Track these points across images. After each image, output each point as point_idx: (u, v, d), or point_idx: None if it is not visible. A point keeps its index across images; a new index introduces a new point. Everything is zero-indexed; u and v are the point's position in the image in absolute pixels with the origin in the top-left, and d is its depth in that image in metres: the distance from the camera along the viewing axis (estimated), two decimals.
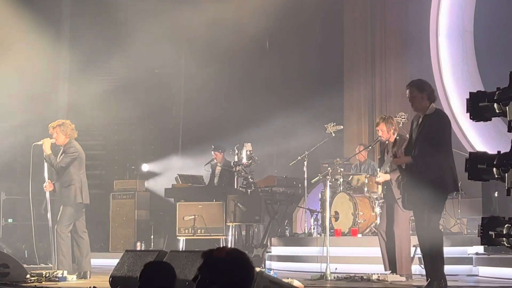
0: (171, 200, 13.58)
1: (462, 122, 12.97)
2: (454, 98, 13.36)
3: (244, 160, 12.78)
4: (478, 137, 12.97)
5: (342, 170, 11.61)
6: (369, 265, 10.06)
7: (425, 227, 7.55)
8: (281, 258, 12.02)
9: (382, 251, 9.22)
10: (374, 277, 9.07)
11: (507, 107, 4.48)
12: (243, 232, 13.39)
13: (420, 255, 8.46)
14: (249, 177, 12.94)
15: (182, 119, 16.56)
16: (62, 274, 9.43)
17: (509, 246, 4.41)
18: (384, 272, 9.14)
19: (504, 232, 4.41)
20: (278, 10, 14.27)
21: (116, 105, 15.92)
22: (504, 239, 4.43)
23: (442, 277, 7.52)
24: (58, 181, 10.19)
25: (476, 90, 4.69)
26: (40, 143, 10.17)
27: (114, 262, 8.27)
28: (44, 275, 9.19)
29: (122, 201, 14.39)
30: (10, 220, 13.90)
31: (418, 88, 7.73)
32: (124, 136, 16.32)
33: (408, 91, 7.77)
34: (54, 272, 9.47)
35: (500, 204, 10.32)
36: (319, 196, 12.04)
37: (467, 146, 12.78)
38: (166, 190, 13.79)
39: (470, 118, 4.64)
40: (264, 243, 12.70)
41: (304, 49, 15.53)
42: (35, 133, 12.72)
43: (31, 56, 14.54)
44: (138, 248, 13.46)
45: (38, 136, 10.61)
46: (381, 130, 9.18)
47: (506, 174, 4.39)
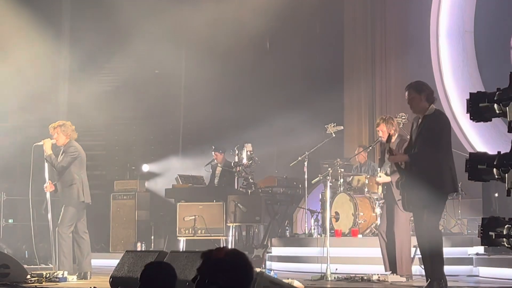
0: (172, 200, 13.58)
1: (462, 122, 12.97)
2: (454, 98, 13.35)
3: (244, 161, 12.79)
4: (478, 137, 12.96)
5: (342, 170, 11.60)
6: (369, 265, 10.06)
7: (424, 227, 7.55)
8: (281, 259, 12.01)
9: (382, 252, 9.22)
10: (375, 277, 9.07)
11: (507, 108, 4.48)
12: (244, 233, 13.40)
13: (420, 256, 8.45)
14: (249, 177, 12.95)
15: (182, 120, 16.56)
16: (63, 274, 9.44)
17: (509, 246, 4.41)
18: (385, 272, 9.15)
19: (504, 232, 4.41)
20: (278, 10, 14.27)
21: (117, 105, 15.91)
22: (504, 239, 4.42)
23: (442, 277, 7.52)
24: (59, 181, 10.19)
25: (476, 91, 4.69)
26: (40, 143, 10.18)
27: (115, 263, 8.26)
28: (44, 276, 9.20)
29: (123, 201, 14.39)
30: (10, 220, 13.89)
31: (416, 89, 7.74)
32: (124, 137, 16.31)
33: (407, 93, 7.79)
34: (54, 272, 9.47)
35: (500, 204, 10.32)
36: (320, 196, 12.04)
37: (467, 146, 12.77)
38: (167, 191, 13.80)
39: (470, 119, 4.64)
40: (265, 243, 12.70)
41: (305, 49, 15.52)
42: (35, 133, 12.71)
43: (31, 56, 14.52)
44: (139, 248, 13.46)
45: (38, 136, 10.60)
46: (381, 131, 9.19)
47: (506, 175, 4.38)
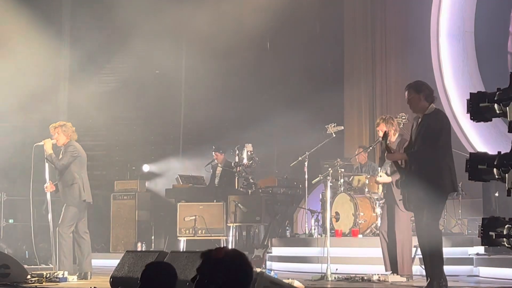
0: (172, 200, 13.58)
1: (462, 122, 12.97)
2: (454, 98, 13.35)
3: (244, 161, 12.79)
4: (478, 137, 12.96)
5: (342, 170, 11.60)
6: (369, 265, 10.06)
7: (424, 227, 7.55)
8: (281, 259, 12.01)
9: (383, 252, 9.22)
10: (375, 277, 9.07)
11: (507, 108, 4.47)
12: (244, 233, 13.39)
13: (420, 256, 8.45)
14: (249, 177, 12.95)
15: (182, 120, 16.56)
16: (63, 274, 9.43)
17: (509, 246, 4.40)
18: (385, 272, 9.14)
19: (505, 232, 4.40)
20: (279, 10, 14.27)
21: (117, 105, 15.91)
22: (504, 239, 4.42)
23: (442, 276, 7.51)
24: (60, 181, 10.19)
25: (476, 91, 4.69)
26: (41, 143, 10.18)
27: (115, 263, 8.26)
28: (44, 276, 9.19)
29: (123, 201, 14.39)
30: (11, 220, 13.89)
31: (415, 89, 7.75)
32: (124, 137, 16.31)
33: (407, 93, 7.81)
34: (54, 272, 9.47)
35: (501, 204, 10.31)
36: (320, 196, 12.04)
37: (467, 146, 12.76)
38: (167, 191, 13.80)
39: (471, 119, 4.64)
40: (265, 243, 12.69)
41: (305, 49, 15.52)
42: (35, 133, 12.70)
43: (31, 56, 14.53)
44: (139, 248, 13.45)
45: (39, 136, 10.60)
46: (381, 131, 9.18)
47: (507, 175, 4.38)
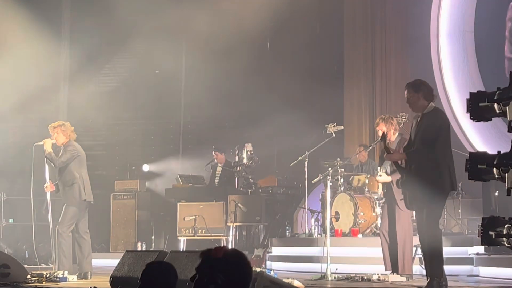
0: (172, 200, 13.59)
1: (462, 122, 12.96)
2: (454, 98, 13.35)
3: (244, 161, 12.80)
4: (478, 137, 12.96)
5: (342, 170, 11.59)
6: (369, 265, 10.06)
7: (424, 226, 7.55)
8: (281, 259, 12.01)
9: (383, 251, 9.21)
10: (375, 277, 9.08)
11: (507, 107, 4.47)
12: (244, 233, 13.40)
13: (420, 255, 8.45)
14: (249, 177, 12.96)
15: (182, 120, 16.56)
16: (63, 274, 9.43)
17: (509, 246, 4.41)
18: (385, 272, 9.14)
19: (504, 232, 4.41)
20: (279, 10, 14.26)
21: (117, 105, 15.91)
22: (504, 239, 4.42)
23: (442, 276, 7.51)
24: (60, 180, 10.20)
25: (476, 90, 4.69)
26: (41, 143, 10.19)
27: (115, 263, 8.27)
28: (44, 276, 9.20)
29: (123, 201, 14.39)
30: (11, 220, 13.89)
31: (414, 88, 7.75)
32: (124, 137, 16.31)
33: (406, 93, 7.82)
34: (54, 272, 9.47)
35: (501, 204, 10.31)
36: (320, 196, 12.03)
37: (467, 146, 12.76)
38: (167, 191, 13.81)
39: (470, 118, 4.63)
40: (265, 243, 12.70)
41: (305, 49, 15.52)
42: (35, 133, 12.70)
43: (31, 56, 14.52)
44: (139, 248, 13.46)
45: (38, 136, 10.60)
46: (381, 130, 9.19)
47: (506, 174, 4.38)
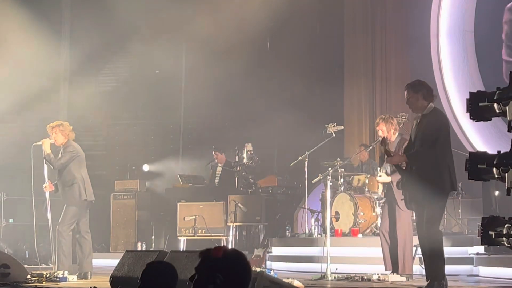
0: (172, 200, 13.58)
1: (462, 122, 12.96)
2: (454, 98, 13.35)
3: (244, 161, 12.80)
4: (478, 137, 12.96)
5: (342, 170, 11.59)
6: (369, 265, 10.06)
7: (424, 227, 7.54)
8: (281, 258, 12.01)
9: (383, 251, 9.21)
10: (375, 277, 9.08)
11: (507, 107, 4.47)
12: (244, 233, 13.39)
13: (420, 255, 8.44)
14: (249, 177, 12.96)
15: (183, 120, 16.56)
16: (63, 274, 9.43)
17: (509, 246, 4.40)
18: (385, 272, 9.14)
19: (504, 232, 4.40)
20: (279, 11, 14.26)
21: (117, 105, 15.92)
22: (504, 239, 4.42)
23: (443, 277, 7.50)
24: (59, 181, 10.20)
25: (476, 90, 4.68)
26: (39, 143, 10.18)
27: (115, 263, 8.27)
28: (44, 276, 9.19)
29: (123, 201, 14.38)
30: (11, 220, 13.89)
31: (413, 89, 7.74)
32: (124, 137, 16.31)
33: (406, 93, 7.80)
34: (54, 272, 9.47)
35: (501, 204, 10.31)
36: (320, 196, 12.04)
37: (467, 146, 12.76)
38: (167, 190, 13.81)
39: (470, 118, 4.63)
40: (265, 243, 12.70)
41: (305, 49, 15.51)
42: (35, 133, 12.70)
43: (31, 56, 14.52)
44: (139, 248, 13.46)
45: (38, 136, 10.60)
46: (381, 130, 9.20)
47: (506, 174, 4.38)
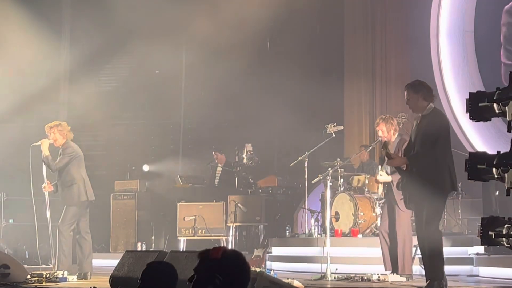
0: (172, 200, 13.58)
1: (462, 122, 12.96)
2: (454, 98, 13.34)
3: (244, 161, 12.80)
4: (478, 137, 12.96)
5: (342, 170, 11.59)
6: (369, 265, 10.05)
7: (424, 227, 7.54)
8: (281, 259, 12.00)
9: (383, 251, 9.21)
10: (374, 277, 9.07)
11: (506, 107, 4.47)
12: (244, 233, 13.39)
13: (420, 255, 8.44)
14: (249, 177, 12.96)
15: (183, 120, 16.56)
16: (63, 274, 9.43)
17: (508, 246, 4.40)
18: (384, 272, 9.14)
19: (504, 232, 4.40)
20: (279, 11, 14.26)
21: (117, 105, 15.91)
22: (503, 239, 4.42)
23: (442, 277, 7.50)
24: (59, 181, 10.20)
25: (476, 90, 4.68)
26: (38, 143, 10.16)
27: (115, 263, 8.27)
28: (44, 276, 9.19)
29: (123, 201, 14.38)
30: (11, 220, 13.89)
31: (413, 89, 7.74)
32: (124, 137, 16.30)
33: (405, 93, 7.80)
34: (54, 272, 9.47)
35: (501, 204, 10.31)
36: (320, 196, 12.04)
37: (467, 146, 12.76)
38: (167, 191, 13.80)
39: (470, 118, 4.63)
40: (265, 243, 12.70)
41: (305, 49, 15.52)
42: (35, 133, 12.70)
43: (31, 56, 14.53)
44: (139, 248, 13.46)
45: (38, 136, 10.59)
46: (381, 130, 9.20)
47: (506, 174, 4.38)
